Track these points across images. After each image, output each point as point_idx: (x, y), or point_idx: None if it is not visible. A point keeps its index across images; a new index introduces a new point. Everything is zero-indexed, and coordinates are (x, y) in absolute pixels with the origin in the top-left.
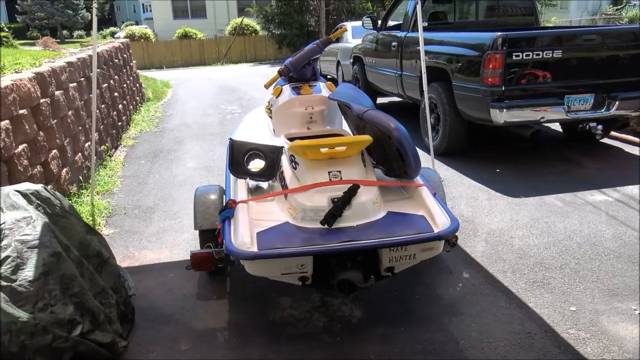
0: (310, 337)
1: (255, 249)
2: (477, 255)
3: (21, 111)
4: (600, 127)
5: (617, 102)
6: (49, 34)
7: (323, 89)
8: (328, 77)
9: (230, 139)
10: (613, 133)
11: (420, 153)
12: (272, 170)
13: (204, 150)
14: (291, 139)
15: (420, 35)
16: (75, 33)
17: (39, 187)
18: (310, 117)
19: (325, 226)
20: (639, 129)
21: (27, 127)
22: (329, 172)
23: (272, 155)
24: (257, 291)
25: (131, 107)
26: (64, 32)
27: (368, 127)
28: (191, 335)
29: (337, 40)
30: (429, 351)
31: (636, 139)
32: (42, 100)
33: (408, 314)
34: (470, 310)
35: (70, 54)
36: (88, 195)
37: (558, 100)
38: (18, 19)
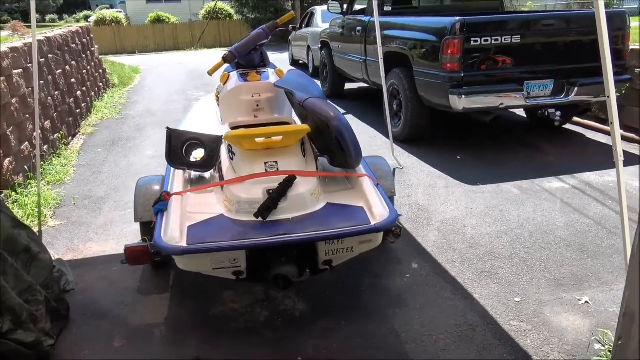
0: (250, 332)
1: (184, 243)
2: (429, 245)
3: None
4: (558, 113)
5: (576, 88)
6: (20, 18)
7: (272, 75)
8: (300, 62)
9: (168, 127)
10: (575, 119)
11: (383, 140)
12: (211, 161)
13: (164, 138)
14: (236, 128)
15: (377, 18)
16: (48, 17)
17: None
18: (257, 105)
19: (260, 219)
20: (601, 115)
21: None
22: (266, 163)
23: (212, 145)
24: (200, 285)
25: (92, 93)
26: (37, 15)
27: (309, 116)
28: (127, 331)
29: (308, 24)
30: (369, 345)
31: (597, 125)
32: None
33: (353, 306)
34: (415, 302)
35: (21, 36)
36: (36, 186)
37: (518, 87)
38: None
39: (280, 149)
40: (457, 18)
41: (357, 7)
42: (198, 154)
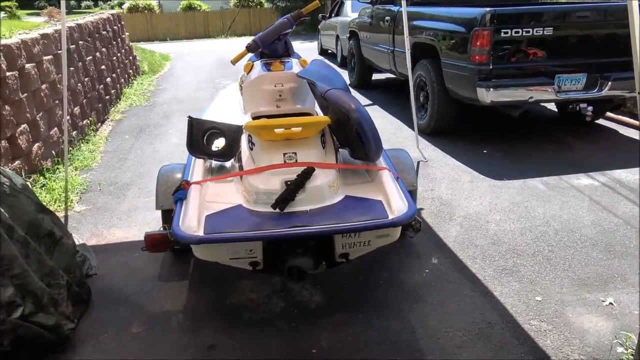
0: (265, 323)
1: (201, 232)
2: (450, 240)
3: None
4: (590, 108)
5: (610, 83)
6: (57, 4)
7: (295, 65)
8: (329, 51)
9: (189, 116)
10: (609, 114)
11: (409, 132)
12: (232, 151)
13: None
14: (258, 118)
15: (404, 7)
16: (83, 3)
17: None
18: (280, 95)
19: (277, 210)
20: (635, 111)
21: None
22: (284, 154)
23: (232, 134)
24: (219, 273)
25: (122, 80)
26: (72, 2)
27: (330, 107)
28: (145, 317)
29: (338, 13)
30: (383, 340)
31: (632, 121)
32: (8, 74)
33: (369, 300)
34: (432, 298)
35: (53, 24)
36: (63, 171)
37: (548, 80)
38: None
39: (299, 140)
40: (487, 9)
41: None
42: (219, 143)
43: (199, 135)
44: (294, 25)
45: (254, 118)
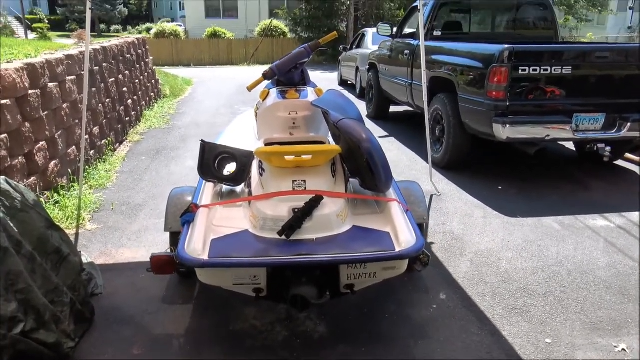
0: (267, 351)
1: (205, 256)
2: (459, 276)
3: (4, 101)
4: (608, 148)
5: (629, 124)
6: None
7: (310, 94)
8: (348, 82)
9: (202, 140)
10: (629, 155)
11: (423, 165)
12: (242, 175)
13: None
14: (271, 144)
15: (422, 41)
16: (113, 27)
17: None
18: (294, 123)
19: (283, 237)
20: None
21: (9, 117)
22: (294, 181)
23: (244, 159)
24: (224, 298)
25: (143, 102)
26: (102, 25)
27: (342, 137)
28: (147, 339)
29: (359, 45)
30: None
31: None
32: (30, 92)
33: (373, 333)
34: (439, 335)
35: (77, 46)
36: (78, 189)
37: (566, 119)
38: (58, 11)
39: (309, 167)
40: (506, 46)
41: (407, 30)
42: (231, 168)
43: (211, 159)
44: (310, 54)
45: (267, 144)
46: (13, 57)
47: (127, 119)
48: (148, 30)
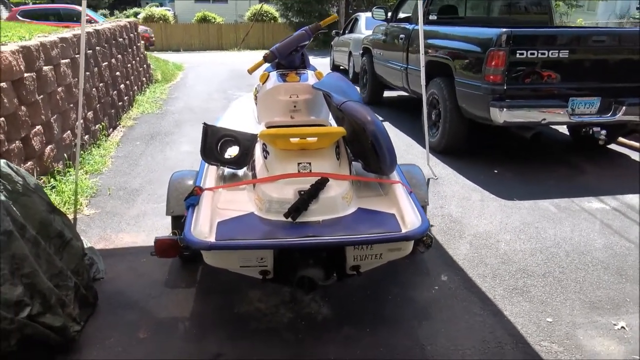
0: (272, 333)
1: (212, 238)
2: (459, 258)
3: (1, 84)
4: (604, 132)
5: (624, 107)
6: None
7: (311, 77)
8: (340, 67)
9: (205, 123)
10: (621, 139)
11: (419, 149)
12: (245, 159)
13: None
14: (272, 128)
15: (420, 26)
16: (99, 12)
17: (1, 162)
18: (294, 106)
19: (289, 219)
20: None
21: (5, 101)
22: (299, 164)
23: (247, 143)
24: (227, 282)
25: (135, 87)
26: (88, 10)
27: (346, 119)
28: (152, 323)
29: (352, 30)
30: (393, 355)
31: None
32: (26, 75)
33: (377, 314)
34: (442, 315)
35: (69, 30)
36: (74, 174)
37: (562, 103)
38: None
39: (314, 150)
40: (503, 29)
41: (402, 14)
42: (232, 151)
43: (213, 143)
44: (311, 37)
45: (268, 127)
46: (7, 39)
47: (120, 103)
48: (136, 14)
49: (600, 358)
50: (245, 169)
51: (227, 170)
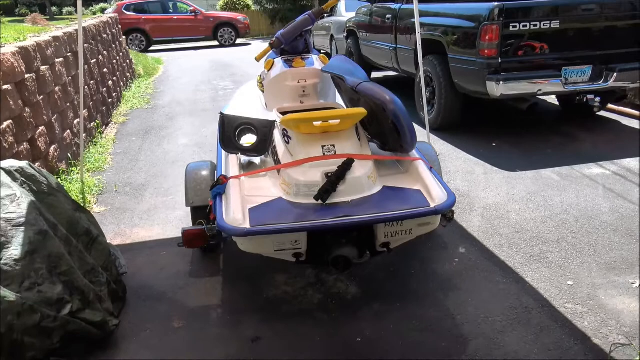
0: (304, 314)
1: (247, 225)
2: (474, 230)
3: (5, 87)
4: (598, 99)
5: (615, 74)
6: (38, 11)
7: (316, 61)
8: (322, 51)
9: (221, 113)
10: (610, 106)
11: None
12: (264, 145)
13: (195, 127)
14: (284, 113)
15: (416, 5)
16: (65, 10)
17: (23, 164)
18: (303, 91)
19: (319, 202)
20: (637, 102)
21: (11, 103)
22: (323, 147)
23: (264, 129)
24: (251, 268)
25: (122, 83)
26: (53, 8)
27: (362, 100)
28: (184, 313)
29: (331, 13)
30: (425, 327)
31: (634, 112)
32: (27, 76)
33: (403, 290)
34: (466, 286)
35: (57, 28)
36: (78, 173)
37: (555, 73)
38: None
39: (336, 132)
40: (495, 3)
41: None
42: (247, 139)
43: (231, 131)
44: (315, 21)
45: (282, 113)
46: (4, 41)
47: (110, 100)
48: (103, 10)
49: (624, 316)
50: (262, 156)
51: (243, 158)
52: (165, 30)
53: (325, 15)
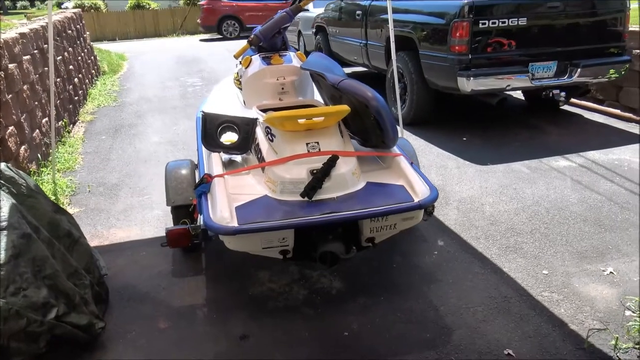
0: (291, 310)
1: (235, 223)
2: (451, 223)
3: None
4: (563, 94)
5: (578, 70)
6: None
7: (294, 58)
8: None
9: (203, 111)
10: (574, 100)
11: None
12: (246, 143)
13: (166, 125)
14: (264, 111)
15: (389, 2)
16: (19, 4)
17: (2, 165)
18: (282, 88)
19: (305, 199)
20: (598, 96)
21: None
22: (307, 144)
23: (246, 127)
24: (234, 266)
25: (87, 80)
26: (7, 2)
27: (344, 97)
28: (169, 313)
29: (307, 10)
30: (410, 319)
31: (596, 106)
32: None
33: (387, 283)
34: (447, 277)
35: (21, 24)
36: (49, 174)
37: (523, 68)
38: None
39: (320, 129)
40: (466, 1)
41: None
42: (227, 137)
43: (213, 130)
44: (292, 19)
45: (263, 110)
46: None
47: (76, 98)
48: (59, 4)
49: (597, 302)
50: (245, 153)
51: (225, 156)
52: (258, 17)
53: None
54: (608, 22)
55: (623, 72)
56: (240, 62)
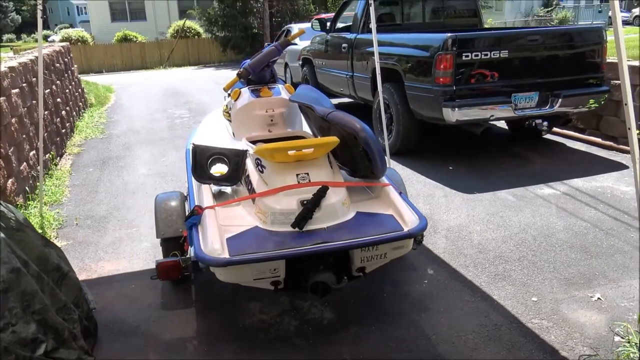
0: (283, 341)
1: (226, 255)
2: (439, 252)
3: None
4: (545, 123)
5: (560, 100)
6: None
7: (282, 91)
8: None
9: (193, 143)
10: (556, 129)
11: None
12: (236, 175)
13: (154, 156)
14: (253, 142)
15: (374, 36)
16: (5, 37)
17: None
18: (271, 120)
19: (296, 229)
20: (579, 125)
21: None
22: (297, 175)
23: (236, 159)
24: (224, 298)
25: (74, 113)
26: None
27: (333, 129)
28: (160, 346)
29: (296, 44)
30: (402, 348)
31: (578, 135)
32: None
33: (378, 312)
34: (438, 306)
35: (9, 58)
36: (36, 207)
37: (506, 99)
38: None
39: (309, 160)
40: (449, 34)
41: (339, 25)
42: (217, 169)
43: (204, 161)
44: (281, 52)
45: (252, 142)
46: None
47: (63, 130)
48: (46, 37)
49: (586, 328)
50: (235, 185)
51: (214, 188)
52: None
53: (264, 45)
54: (587, 54)
55: (602, 102)
56: (229, 94)
